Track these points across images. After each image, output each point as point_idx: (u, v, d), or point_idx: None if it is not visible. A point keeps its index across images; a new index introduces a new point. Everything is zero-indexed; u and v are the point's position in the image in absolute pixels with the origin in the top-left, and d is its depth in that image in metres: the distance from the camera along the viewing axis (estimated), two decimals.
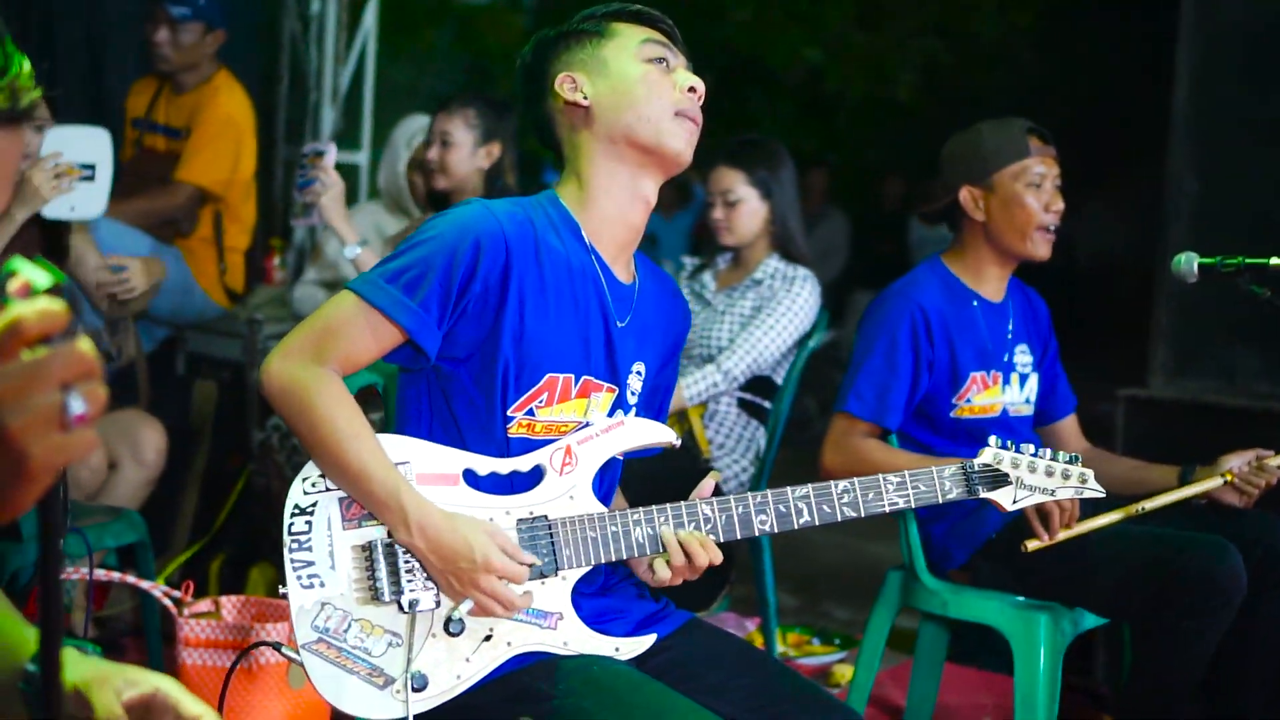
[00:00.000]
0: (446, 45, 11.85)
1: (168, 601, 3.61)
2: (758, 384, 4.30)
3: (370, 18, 6.83)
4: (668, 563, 2.36)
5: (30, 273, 1.15)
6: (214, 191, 5.20)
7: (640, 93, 2.43)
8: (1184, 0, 4.65)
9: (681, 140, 2.45)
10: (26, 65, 1.35)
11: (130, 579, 3.62)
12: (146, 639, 3.91)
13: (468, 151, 4.31)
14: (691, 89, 2.45)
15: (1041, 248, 3.48)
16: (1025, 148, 3.45)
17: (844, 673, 4.54)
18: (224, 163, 5.21)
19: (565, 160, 2.53)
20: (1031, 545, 3.13)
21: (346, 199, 4.69)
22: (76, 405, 1.13)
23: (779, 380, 4.32)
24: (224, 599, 3.76)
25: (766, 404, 4.33)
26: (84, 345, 1.14)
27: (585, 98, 2.45)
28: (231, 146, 5.24)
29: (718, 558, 2.36)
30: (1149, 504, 3.17)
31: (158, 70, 5.35)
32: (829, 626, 5.30)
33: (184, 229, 5.25)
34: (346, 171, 6.88)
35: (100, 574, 3.57)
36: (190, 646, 3.59)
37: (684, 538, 2.35)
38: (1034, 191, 3.44)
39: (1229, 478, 3.28)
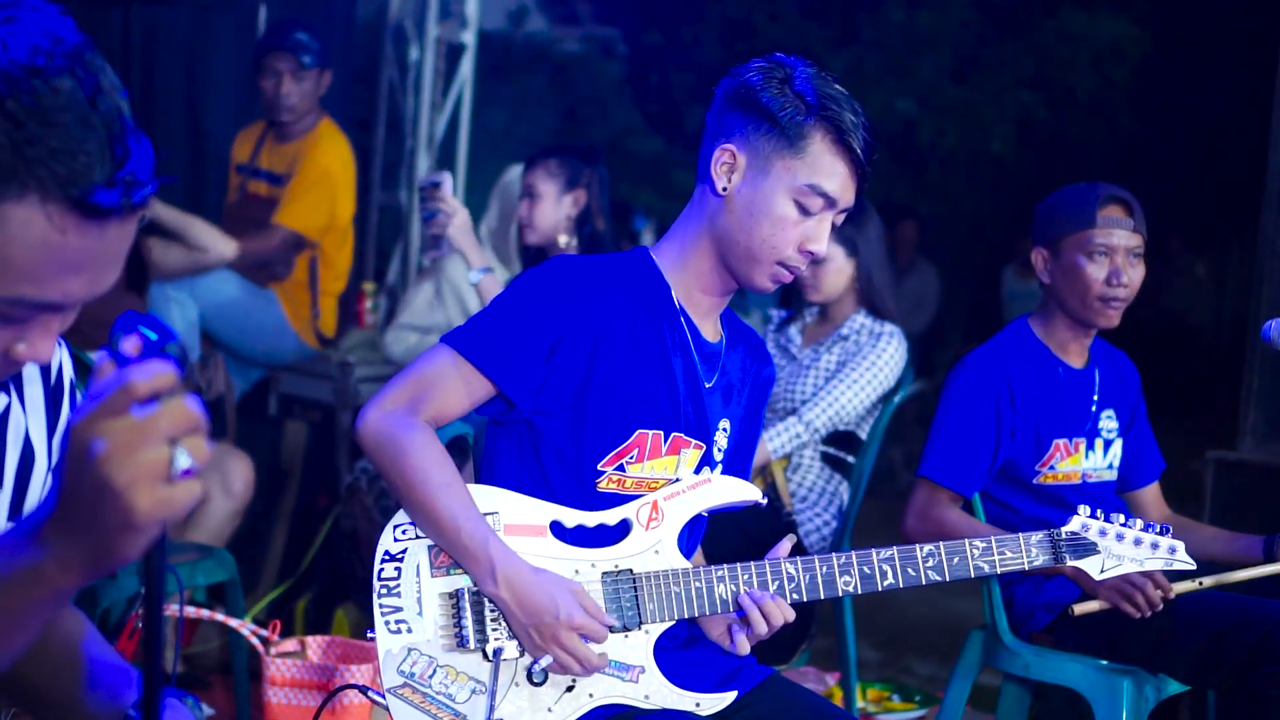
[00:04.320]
0: (541, 91, 11.98)
1: (255, 640, 3.67)
2: (842, 438, 4.30)
3: (467, 67, 6.94)
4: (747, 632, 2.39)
5: (143, 330, 1.20)
6: (310, 237, 5.30)
7: (765, 231, 2.39)
8: None
9: (768, 283, 2.45)
10: (146, 155, 1.38)
11: (220, 617, 3.68)
12: (234, 677, 3.97)
13: (552, 202, 4.38)
14: (811, 252, 2.42)
15: (1103, 317, 3.43)
16: (1091, 218, 3.38)
17: None
18: (321, 209, 5.31)
19: (690, 201, 2.52)
20: (1079, 609, 3.14)
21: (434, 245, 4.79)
22: (183, 460, 1.17)
23: (863, 435, 4.32)
24: (310, 639, 3.81)
25: (850, 458, 4.33)
26: (191, 402, 1.18)
27: (726, 188, 2.42)
28: (329, 194, 5.33)
29: (790, 614, 2.38)
30: (1207, 580, 3.15)
31: (267, 118, 5.47)
32: (910, 682, 5.27)
33: (279, 273, 5.35)
34: None
35: (190, 611, 3.65)
36: (276, 686, 3.64)
37: (764, 604, 2.37)
38: (1095, 262, 3.38)
39: None
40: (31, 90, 1.30)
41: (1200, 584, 3.17)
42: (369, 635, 2.38)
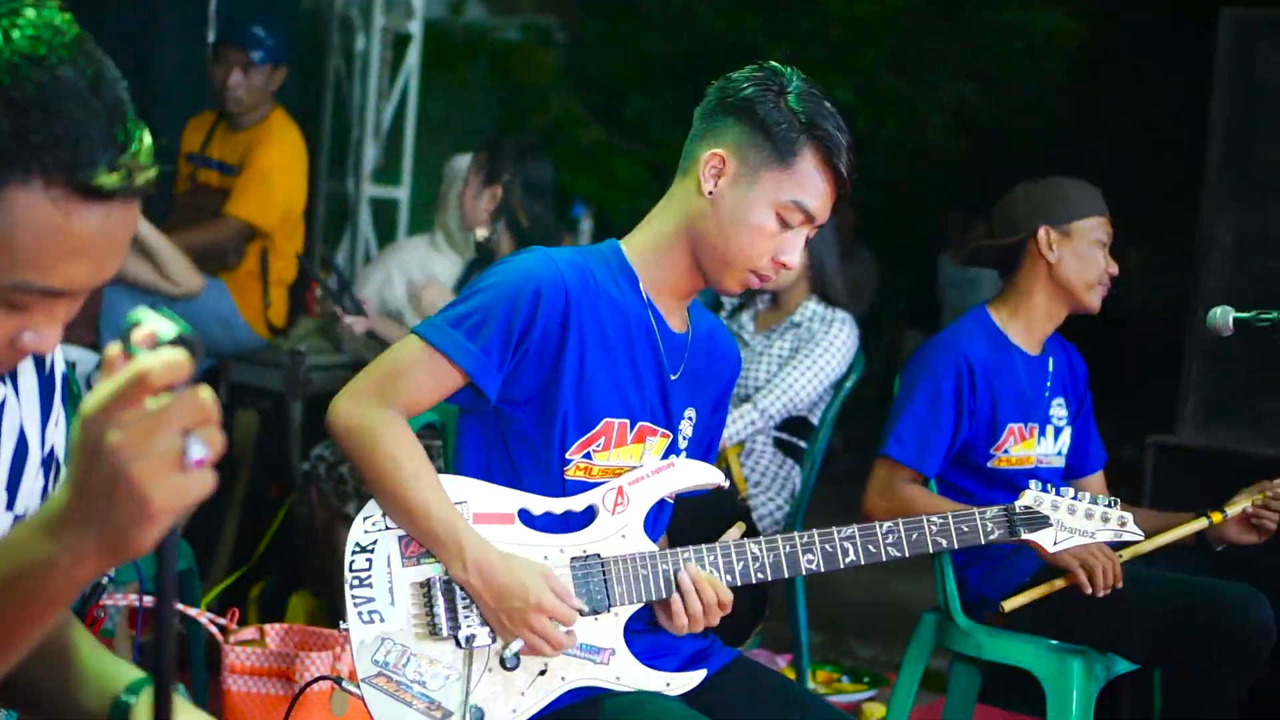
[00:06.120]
0: (480, 80, 11.96)
1: (214, 629, 3.68)
2: (794, 424, 4.36)
3: (413, 55, 6.94)
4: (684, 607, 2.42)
5: (155, 323, 1.20)
6: (263, 228, 5.29)
7: (744, 240, 2.44)
8: (1219, 52, 4.70)
9: (736, 288, 2.51)
10: (147, 140, 1.41)
11: (178, 606, 3.68)
12: (190, 666, 3.96)
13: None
14: (783, 263, 2.48)
15: (1096, 300, 3.59)
16: (1104, 207, 3.57)
17: (873, 711, 4.59)
18: (274, 200, 5.29)
19: (666, 195, 2.56)
20: (1008, 605, 3.23)
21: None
22: (197, 450, 1.18)
23: (815, 421, 4.38)
24: (268, 627, 3.81)
25: (802, 444, 4.39)
26: (204, 393, 1.20)
27: (713, 191, 2.46)
28: (283, 185, 5.32)
29: (725, 595, 2.42)
30: (1125, 553, 3.24)
31: (217, 108, 5.45)
32: (853, 664, 5.34)
33: (230, 262, 5.34)
34: (387, 206, 7.01)
35: (149, 601, 3.64)
36: (236, 674, 3.64)
37: (698, 578, 2.41)
38: (1101, 249, 3.54)
39: (1215, 518, 3.33)
40: (34, 79, 1.34)
41: (1120, 556, 3.25)
42: (342, 626, 2.40)
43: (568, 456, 2.46)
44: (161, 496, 1.18)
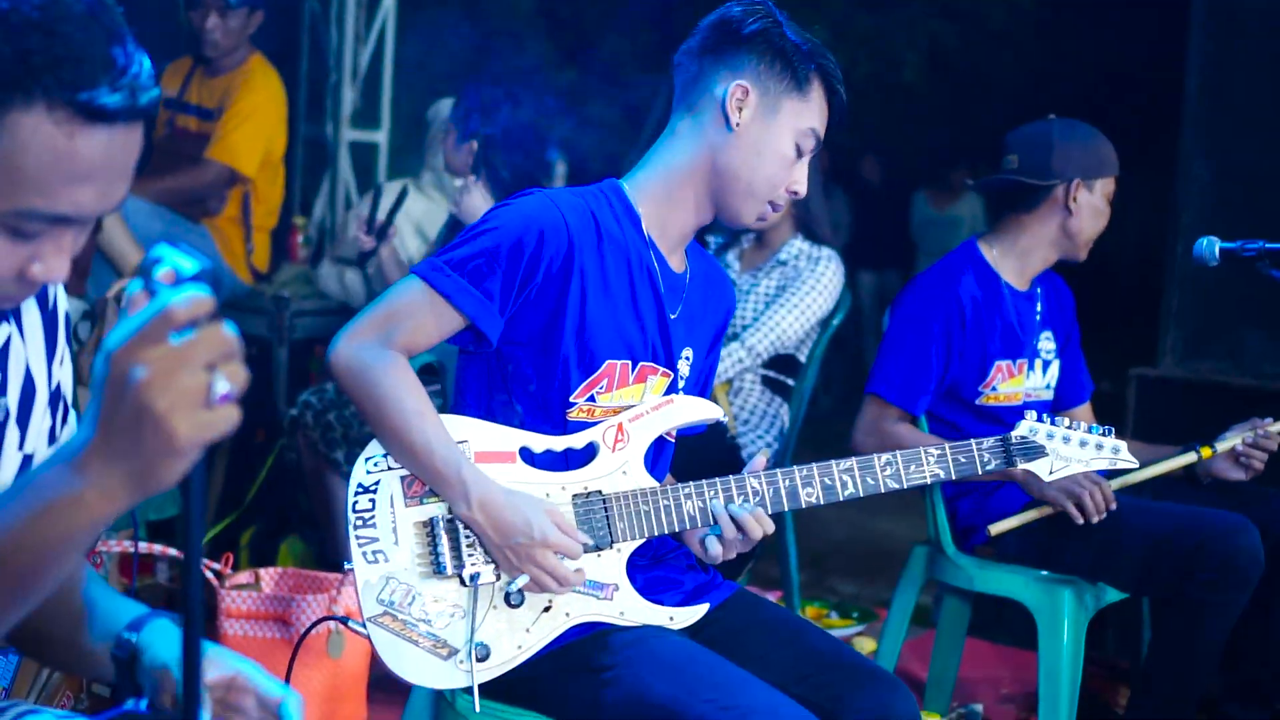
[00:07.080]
0: (453, 22, 11.86)
1: (209, 574, 3.69)
2: (782, 362, 4.39)
3: None
4: (719, 538, 2.44)
5: (177, 260, 1.22)
6: (244, 173, 5.27)
7: (766, 171, 2.49)
8: None
9: (753, 220, 2.55)
10: (147, 64, 1.42)
11: (173, 551, 3.69)
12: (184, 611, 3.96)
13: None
14: (795, 192, 2.53)
15: (1086, 254, 3.65)
16: (1118, 166, 3.61)
17: (862, 645, 4.63)
18: (255, 144, 5.27)
19: (666, 133, 2.57)
20: (994, 529, 3.27)
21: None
22: (221, 385, 1.20)
23: (802, 358, 4.41)
24: (263, 571, 3.83)
25: (790, 381, 4.42)
26: (227, 328, 1.21)
27: (738, 123, 2.49)
28: (263, 129, 5.30)
29: (770, 527, 2.45)
30: (1114, 483, 3.31)
31: (194, 52, 5.42)
32: (837, 601, 5.38)
33: (212, 208, 5.32)
34: (366, 150, 6.96)
35: (144, 546, 3.65)
36: (232, 618, 3.66)
37: (736, 512, 2.43)
38: (1109, 206, 3.59)
39: (1205, 453, 3.38)
40: (33, 2, 1.34)
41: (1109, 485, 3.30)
42: (346, 566, 2.41)
43: (571, 399, 2.47)
44: (187, 431, 1.19)
